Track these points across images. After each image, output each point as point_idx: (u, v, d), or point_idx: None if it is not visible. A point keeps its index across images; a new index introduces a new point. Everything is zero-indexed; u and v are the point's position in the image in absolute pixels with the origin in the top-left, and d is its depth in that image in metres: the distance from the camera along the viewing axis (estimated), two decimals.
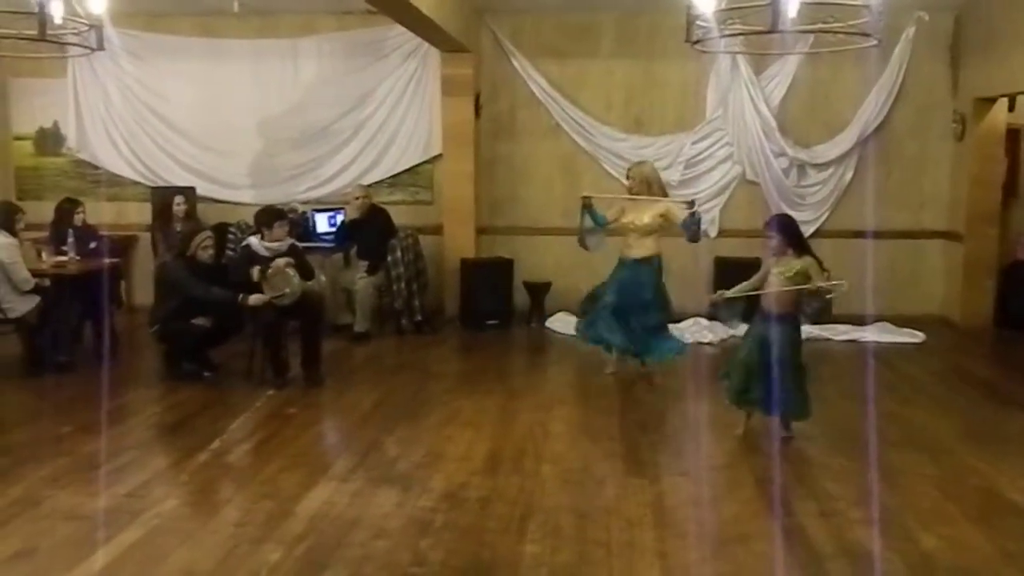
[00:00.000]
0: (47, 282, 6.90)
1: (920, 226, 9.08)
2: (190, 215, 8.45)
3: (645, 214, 6.47)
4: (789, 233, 5.13)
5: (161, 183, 9.27)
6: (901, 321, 8.45)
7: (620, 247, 6.63)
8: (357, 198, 8.31)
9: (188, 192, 8.76)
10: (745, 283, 5.27)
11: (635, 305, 6.50)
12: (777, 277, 5.12)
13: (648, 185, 6.52)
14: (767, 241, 5.20)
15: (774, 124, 8.88)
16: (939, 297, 9.12)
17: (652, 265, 6.54)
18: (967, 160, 8.72)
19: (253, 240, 6.64)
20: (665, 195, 6.64)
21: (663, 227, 6.50)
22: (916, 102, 8.94)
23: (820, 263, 5.11)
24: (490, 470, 4.77)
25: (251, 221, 7.12)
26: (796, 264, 5.06)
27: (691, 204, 6.24)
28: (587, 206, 6.49)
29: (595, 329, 6.64)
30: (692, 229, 6.23)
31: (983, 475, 4.80)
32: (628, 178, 6.66)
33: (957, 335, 8.58)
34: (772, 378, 5.01)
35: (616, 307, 6.51)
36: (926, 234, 9.08)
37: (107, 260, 7.26)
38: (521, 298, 8.94)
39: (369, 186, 8.81)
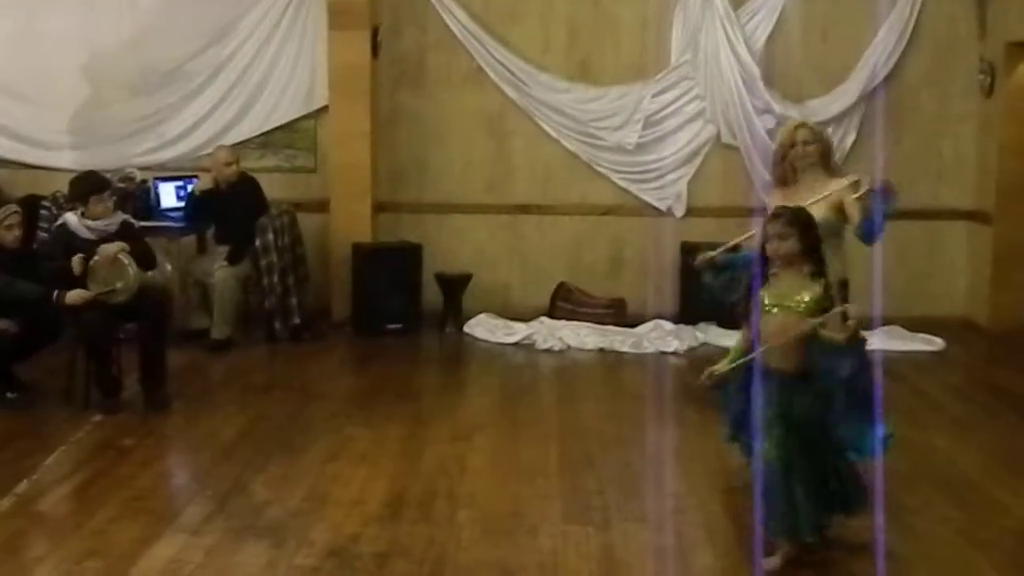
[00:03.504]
0: None
1: (939, 204, 9.30)
2: None
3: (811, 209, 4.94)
4: (812, 236, 4.30)
5: None
6: (915, 324, 8.65)
7: None
8: (228, 164, 8.20)
9: None
10: (736, 343, 4.59)
11: None
12: (780, 312, 4.25)
13: (825, 156, 5.54)
14: (771, 242, 4.28)
15: (757, 73, 9.00)
16: (962, 294, 9.37)
17: None
18: (997, 121, 8.95)
19: (71, 218, 6.56)
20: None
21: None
22: (934, 47, 9.14)
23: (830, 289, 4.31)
24: (390, 517, 4.77)
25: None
26: (814, 291, 4.22)
27: (858, 186, 5.29)
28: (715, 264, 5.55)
29: None
30: (874, 229, 5.31)
31: (1017, 516, 4.93)
32: (795, 144, 5.45)
33: (984, 341, 8.82)
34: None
35: None
36: (946, 214, 9.31)
37: None
38: (432, 295, 8.93)
39: (233, 147, 8.72)
